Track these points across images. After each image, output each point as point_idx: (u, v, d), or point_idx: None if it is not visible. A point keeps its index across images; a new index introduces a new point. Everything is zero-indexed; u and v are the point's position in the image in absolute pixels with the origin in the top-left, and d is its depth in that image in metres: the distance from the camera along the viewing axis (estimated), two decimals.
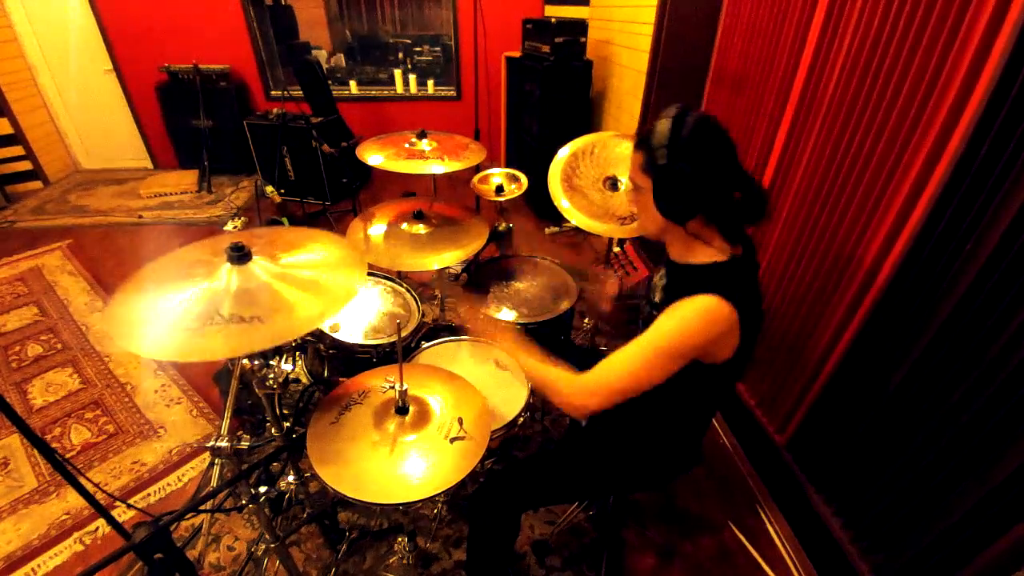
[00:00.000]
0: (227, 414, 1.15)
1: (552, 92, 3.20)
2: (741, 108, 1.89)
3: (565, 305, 1.64)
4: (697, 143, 0.86)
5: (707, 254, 0.95)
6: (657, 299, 1.05)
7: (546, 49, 3.16)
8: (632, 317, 2.75)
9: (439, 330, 1.68)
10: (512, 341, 1.08)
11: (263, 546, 1.22)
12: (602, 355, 1.49)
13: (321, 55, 4.75)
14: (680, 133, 0.85)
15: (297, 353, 1.63)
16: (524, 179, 1.86)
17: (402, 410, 1.03)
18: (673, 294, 0.93)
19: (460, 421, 1.03)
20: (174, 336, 0.78)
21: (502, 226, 1.81)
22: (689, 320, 0.86)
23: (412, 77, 4.65)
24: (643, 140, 0.91)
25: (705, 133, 0.87)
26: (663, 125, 0.87)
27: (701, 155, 0.86)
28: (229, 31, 4.22)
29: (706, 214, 0.91)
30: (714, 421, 2.03)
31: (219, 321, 0.80)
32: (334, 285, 0.93)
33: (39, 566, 1.49)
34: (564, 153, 1.74)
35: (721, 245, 0.94)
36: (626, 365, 0.90)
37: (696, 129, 0.86)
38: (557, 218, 1.69)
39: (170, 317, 0.81)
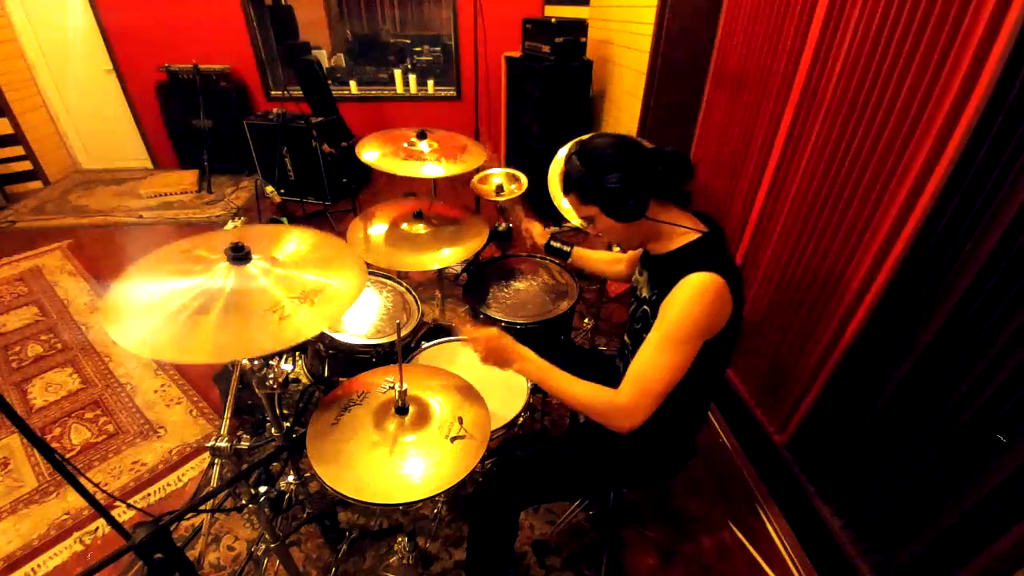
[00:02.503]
0: (227, 414, 1.14)
1: (552, 92, 3.20)
2: (741, 108, 1.89)
3: (565, 305, 1.64)
4: (603, 153, 0.98)
5: (679, 238, 1.02)
6: (646, 295, 1.07)
7: (546, 49, 3.16)
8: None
9: (439, 330, 1.68)
10: (535, 364, 1.03)
11: (263, 546, 1.22)
12: (602, 355, 1.50)
13: (321, 55, 4.75)
14: (587, 157, 0.98)
15: (297, 353, 1.63)
16: (524, 179, 1.86)
17: (402, 410, 1.03)
18: (661, 284, 0.98)
19: (460, 420, 1.03)
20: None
21: (502, 226, 1.81)
22: (690, 300, 0.91)
23: (412, 77, 4.65)
24: (565, 185, 1.03)
25: (602, 144, 0.99)
26: (571, 163, 1.00)
27: (612, 159, 0.97)
28: (229, 31, 4.22)
29: (652, 196, 0.99)
30: (714, 421, 2.03)
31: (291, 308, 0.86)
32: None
33: (39, 566, 1.49)
34: (564, 153, 1.74)
35: (690, 224, 1.02)
36: (654, 367, 0.93)
37: (594, 146, 0.99)
38: (557, 218, 1.69)
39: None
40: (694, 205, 1.07)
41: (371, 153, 1.66)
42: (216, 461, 1.66)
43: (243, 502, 1.03)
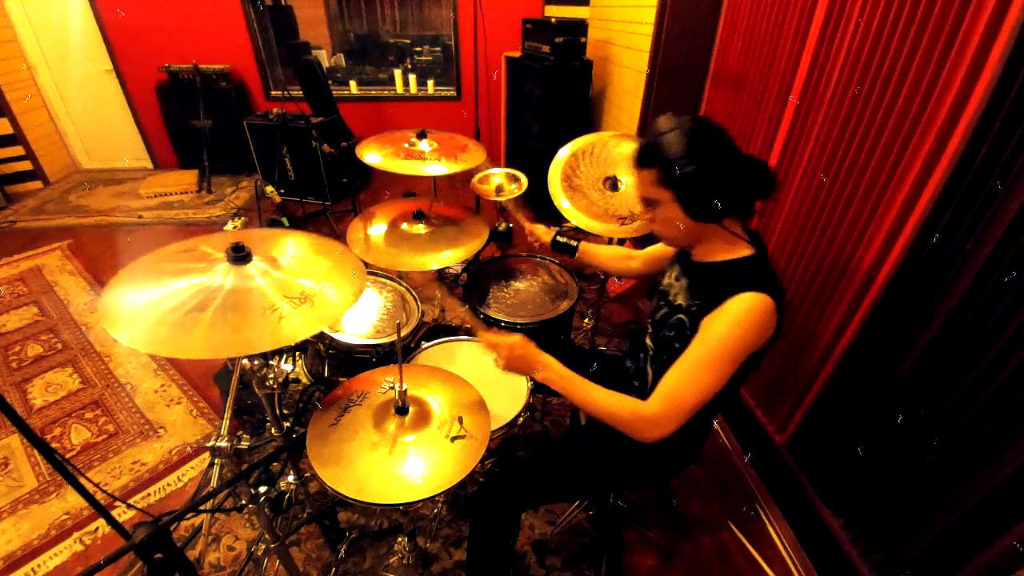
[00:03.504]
0: (227, 414, 1.14)
1: (552, 92, 3.20)
2: (741, 108, 1.88)
3: (565, 305, 1.64)
4: (707, 143, 0.89)
5: (732, 250, 0.97)
6: (683, 302, 1.02)
7: (546, 49, 3.16)
8: (634, 318, 2.75)
9: (439, 330, 1.68)
10: (559, 373, 1.00)
11: (263, 546, 1.22)
12: (601, 355, 1.50)
13: (321, 55, 4.75)
14: (689, 139, 0.88)
15: (297, 353, 1.63)
16: (524, 179, 1.86)
17: (402, 410, 1.03)
18: (705, 295, 0.95)
19: (460, 420, 1.03)
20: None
21: (502, 226, 1.81)
22: (744, 320, 0.88)
23: (412, 77, 4.65)
24: (650, 156, 0.92)
25: (708, 132, 0.90)
26: (671, 137, 0.89)
27: (713, 153, 0.89)
28: (229, 31, 4.22)
29: (732, 204, 0.93)
30: (714, 421, 2.03)
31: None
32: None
33: (39, 566, 1.49)
34: (564, 153, 1.74)
35: (742, 236, 0.97)
36: (693, 381, 0.90)
37: (700, 131, 0.90)
38: (557, 218, 1.69)
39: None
40: None
41: (373, 155, 1.66)
42: (216, 461, 1.65)
43: (243, 502, 1.03)
